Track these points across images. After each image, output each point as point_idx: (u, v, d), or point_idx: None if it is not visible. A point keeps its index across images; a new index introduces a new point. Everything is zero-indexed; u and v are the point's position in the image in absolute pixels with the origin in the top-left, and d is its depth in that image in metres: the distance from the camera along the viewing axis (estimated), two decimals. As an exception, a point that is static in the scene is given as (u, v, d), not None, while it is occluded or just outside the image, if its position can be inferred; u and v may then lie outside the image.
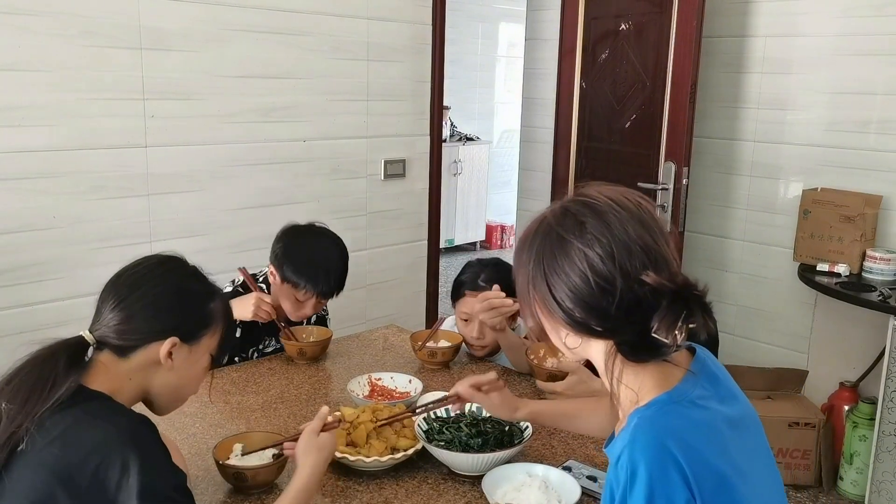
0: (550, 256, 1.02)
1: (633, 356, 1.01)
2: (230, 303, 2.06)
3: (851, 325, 3.14)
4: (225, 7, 2.81)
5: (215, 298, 1.33)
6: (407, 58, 3.41)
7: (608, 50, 3.57)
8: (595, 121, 3.69)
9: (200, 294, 1.31)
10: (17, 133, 2.42)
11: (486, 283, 2.18)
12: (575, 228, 1.01)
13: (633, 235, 0.99)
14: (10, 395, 1.13)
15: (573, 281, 1.00)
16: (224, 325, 1.34)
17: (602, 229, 1.00)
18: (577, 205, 1.04)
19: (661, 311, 0.95)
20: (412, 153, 3.53)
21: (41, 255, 2.50)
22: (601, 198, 1.03)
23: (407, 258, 3.62)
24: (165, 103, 2.70)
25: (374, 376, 1.97)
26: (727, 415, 1.03)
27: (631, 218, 1.01)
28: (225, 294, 1.37)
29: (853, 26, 3.08)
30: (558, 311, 1.02)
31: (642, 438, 0.96)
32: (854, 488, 2.97)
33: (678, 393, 1.00)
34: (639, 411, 1.01)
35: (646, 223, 1.02)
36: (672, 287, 0.96)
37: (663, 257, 1.01)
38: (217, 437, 1.63)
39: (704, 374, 1.05)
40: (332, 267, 2.16)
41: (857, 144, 3.12)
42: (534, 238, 1.06)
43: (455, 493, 1.48)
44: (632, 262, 0.98)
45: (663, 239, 1.03)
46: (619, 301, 0.98)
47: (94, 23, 2.51)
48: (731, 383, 1.11)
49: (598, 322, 1.00)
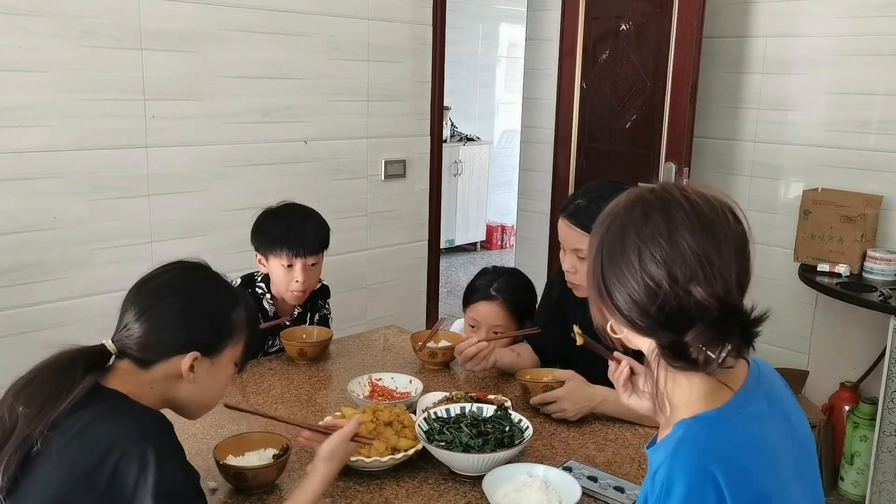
0: (610, 243, 1.01)
1: (672, 361, 0.99)
2: None
3: (852, 325, 3.14)
4: (225, 7, 2.81)
5: (239, 307, 1.31)
6: (407, 58, 3.41)
7: (609, 50, 3.57)
8: (596, 121, 3.69)
9: (224, 306, 1.29)
10: (17, 133, 2.42)
11: (497, 292, 2.17)
12: (639, 220, 0.99)
13: (692, 243, 0.95)
14: (26, 399, 1.13)
15: (623, 273, 0.99)
16: (248, 334, 1.32)
17: (662, 228, 0.97)
18: (655, 196, 1.01)
19: (697, 327, 0.94)
20: (413, 153, 3.53)
21: (42, 255, 2.50)
22: (678, 195, 0.99)
23: (407, 258, 3.62)
24: (166, 104, 2.70)
25: (375, 376, 1.97)
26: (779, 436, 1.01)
27: (700, 224, 0.96)
28: (248, 301, 1.36)
29: (854, 27, 3.08)
30: (607, 297, 1.02)
31: (684, 456, 0.94)
32: (855, 489, 2.97)
33: (730, 409, 0.98)
34: (685, 423, 0.98)
35: (716, 234, 0.96)
36: (716, 306, 0.94)
37: (721, 274, 0.95)
38: (217, 438, 1.63)
39: (761, 390, 1.02)
40: (304, 223, 2.20)
41: (857, 145, 3.12)
42: (604, 220, 1.04)
43: (455, 493, 1.48)
44: (683, 270, 0.95)
45: (733, 252, 0.97)
46: (660, 304, 0.96)
47: (94, 23, 2.51)
48: (789, 402, 1.08)
49: (640, 317, 0.99)
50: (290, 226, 2.18)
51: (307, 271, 2.17)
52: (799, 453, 1.05)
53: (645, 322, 0.99)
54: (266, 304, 2.24)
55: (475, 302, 2.21)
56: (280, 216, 2.22)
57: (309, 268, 2.17)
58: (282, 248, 2.14)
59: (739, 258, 0.98)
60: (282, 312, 2.27)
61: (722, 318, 0.93)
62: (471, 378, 2.09)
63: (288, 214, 2.23)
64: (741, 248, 0.98)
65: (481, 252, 7.23)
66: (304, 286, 2.18)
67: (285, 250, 2.14)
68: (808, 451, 1.08)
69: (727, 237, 0.97)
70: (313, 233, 2.20)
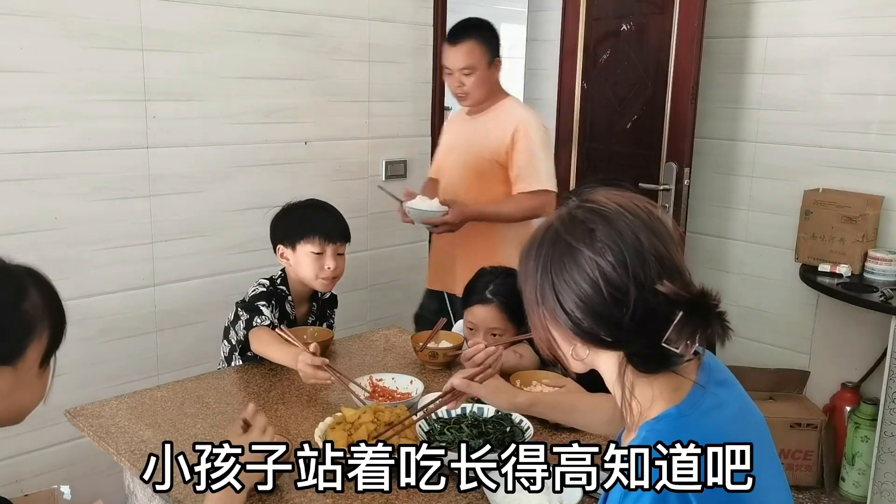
0: (559, 265, 0.99)
1: (644, 367, 0.99)
2: (252, 334, 2.10)
3: (853, 325, 3.14)
4: (226, 8, 2.81)
5: (27, 295, 1.09)
6: (408, 59, 3.41)
7: (609, 51, 3.57)
8: (596, 121, 3.69)
9: (9, 301, 1.07)
10: (18, 134, 2.42)
11: (493, 295, 2.14)
12: (585, 236, 0.98)
13: (645, 244, 0.96)
14: None
15: (583, 290, 0.97)
16: (50, 321, 1.12)
17: (613, 237, 0.96)
18: (586, 211, 1.00)
19: (677, 322, 0.93)
20: (413, 154, 3.53)
21: (43, 256, 2.50)
22: (610, 204, 1.00)
23: (408, 259, 3.62)
24: (167, 104, 2.70)
25: (376, 377, 1.97)
26: (738, 420, 1.01)
27: (642, 225, 0.97)
28: (38, 280, 1.14)
29: (854, 27, 3.08)
30: (567, 321, 0.99)
31: None
32: (856, 489, 2.97)
33: (688, 405, 0.98)
34: (648, 424, 0.99)
35: (657, 231, 0.98)
36: (688, 297, 0.93)
37: (676, 266, 0.97)
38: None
39: (713, 381, 1.03)
40: (328, 209, 2.30)
41: (858, 145, 3.12)
42: (540, 246, 1.02)
43: (457, 493, 1.47)
44: (645, 270, 0.95)
45: (675, 246, 0.99)
46: (632, 311, 0.95)
47: (95, 24, 2.51)
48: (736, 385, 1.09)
49: (608, 332, 0.97)
50: (319, 215, 2.27)
51: (337, 259, 2.23)
52: (756, 431, 1.05)
53: (616, 335, 0.97)
54: (288, 308, 2.26)
55: (472, 305, 2.20)
56: (307, 207, 2.31)
57: (338, 256, 2.23)
58: (314, 234, 2.20)
59: (678, 248, 1.00)
60: (299, 315, 2.31)
61: (696, 306, 0.93)
62: (472, 378, 2.09)
63: (315, 206, 2.32)
64: (675, 240, 1.00)
65: (482, 252, 7.21)
66: (335, 272, 2.23)
67: (317, 237, 2.19)
68: (763, 428, 1.08)
69: (668, 233, 0.99)
70: (341, 222, 2.28)
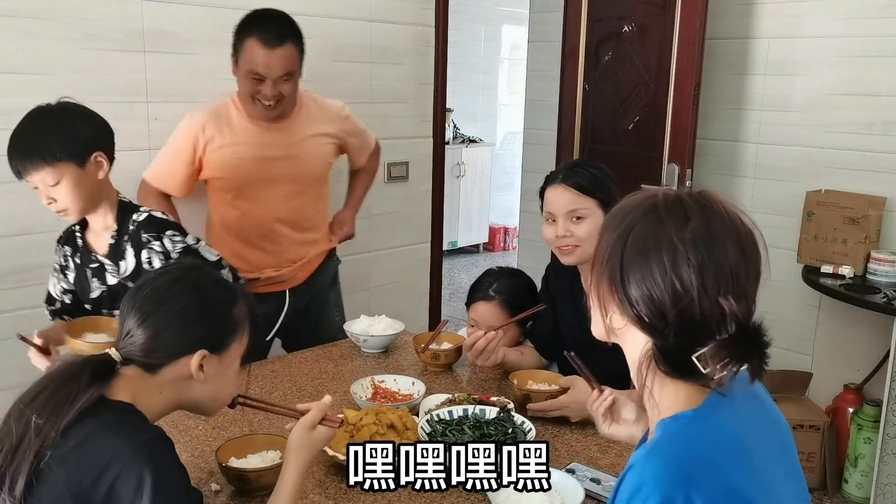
0: (641, 234, 0.97)
1: (665, 366, 0.97)
2: None
3: (856, 327, 3.13)
4: (228, 10, 2.80)
5: (238, 302, 1.32)
6: (410, 60, 3.41)
7: (611, 52, 3.57)
8: (598, 123, 3.68)
9: (224, 302, 1.30)
10: (20, 136, 2.41)
11: (495, 293, 2.18)
12: (678, 219, 0.96)
13: (730, 256, 0.94)
14: (38, 408, 1.12)
15: (651, 268, 0.95)
16: (250, 328, 1.34)
17: (703, 234, 0.94)
18: (692, 199, 0.98)
19: (719, 342, 0.91)
20: (415, 155, 3.52)
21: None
22: (719, 207, 0.98)
23: (410, 260, 3.62)
24: (168, 106, 2.70)
25: (378, 378, 1.97)
26: (758, 431, 1.00)
27: (737, 239, 0.95)
28: (247, 295, 1.38)
29: (856, 28, 3.07)
30: (620, 288, 0.98)
31: (657, 458, 0.93)
32: (859, 491, 2.96)
33: (707, 409, 0.96)
34: (664, 423, 0.97)
35: (747, 254, 0.96)
36: (743, 322, 0.92)
37: (746, 294, 0.95)
38: (220, 440, 1.63)
39: (743, 393, 1.00)
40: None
41: (860, 146, 3.11)
42: (635, 209, 1.00)
43: (458, 494, 1.47)
44: (716, 281, 0.93)
45: (754, 277, 0.97)
46: (681, 309, 0.93)
47: (97, 26, 2.52)
48: (765, 396, 1.07)
49: (653, 317, 0.96)
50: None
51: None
52: (779, 446, 1.04)
53: (657, 322, 0.96)
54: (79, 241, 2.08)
55: (475, 301, 2.24)
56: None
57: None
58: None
59: (756, 285, 0.97)
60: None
61: (743, 338, 0.92)
62: (473, 380, 2.09)
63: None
64: (759, 276, 0.98)
65: (484, 254, 7.23)
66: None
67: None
68: (788, 443, 1.07)
69: (755, 262, 0.97)
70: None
